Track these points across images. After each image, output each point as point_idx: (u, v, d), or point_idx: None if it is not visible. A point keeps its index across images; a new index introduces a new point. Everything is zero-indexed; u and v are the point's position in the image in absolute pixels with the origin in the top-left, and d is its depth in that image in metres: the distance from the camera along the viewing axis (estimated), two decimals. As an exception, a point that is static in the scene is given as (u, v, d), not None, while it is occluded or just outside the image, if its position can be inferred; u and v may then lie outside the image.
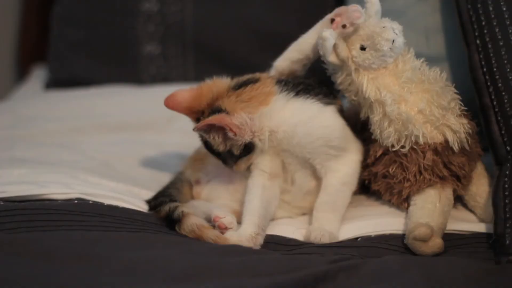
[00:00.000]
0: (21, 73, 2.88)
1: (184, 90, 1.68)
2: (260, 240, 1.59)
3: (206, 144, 1.66)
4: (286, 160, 1.66)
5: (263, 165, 1.66)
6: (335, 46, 1.62)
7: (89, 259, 1.42)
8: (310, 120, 1.62)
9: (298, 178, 1.68)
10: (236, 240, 1.55)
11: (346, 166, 1.67)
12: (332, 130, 1.64)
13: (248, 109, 1.61)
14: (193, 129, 1.61)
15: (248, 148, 1.63)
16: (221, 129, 1.60)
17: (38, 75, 2.71)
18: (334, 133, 1.64)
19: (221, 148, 1.63)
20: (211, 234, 1.56)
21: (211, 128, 1.60)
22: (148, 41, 2.48)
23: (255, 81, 1.65)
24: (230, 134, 1.60)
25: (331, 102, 1.65)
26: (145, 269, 1.41)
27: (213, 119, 1.59)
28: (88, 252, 1.45)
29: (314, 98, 1.63)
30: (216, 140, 1.62)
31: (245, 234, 1.57)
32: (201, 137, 1.66)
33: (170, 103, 1.67)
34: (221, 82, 1.66)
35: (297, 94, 1.63)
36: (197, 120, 1.65)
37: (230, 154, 1.64)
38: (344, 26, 1.62)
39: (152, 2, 2.48)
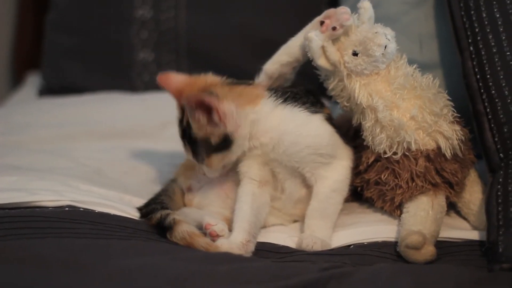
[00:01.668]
0: (16, 80, 2.88)
1: (179, 74, 1.69)
2: (251, 247, 1.58)
3: (184, 131, 1.64)
4: (275, 170, 1.66)
5: (252, 173, 1.65)
6: (324, 49, 1.61)
7: (78, 267, 1.41)
8: (297, 129, 1.62)
9: (288, 187, 1.67)
10: (227, 248, 1.54)
11: (336, 172, 1.66)
12: (320, 138, 1.63)
13: (237, 102, 1.61)
14: (182, 100, 1.60)
15: (226, 143, 1.61)
16: (207, 111, 1.58)
17: (33, 82, 2.70)
18: (322, 141, 1.63)
19: (200, 133, 1.61)
20: (202, 242, 1.55)
21: (199, 105, 1.58)
22: (141, 48, 2.48)
23: (248, 84, 1.67)
24: (215, 118, 1.58)
25: (318, 111, 1.65)
26: (135, 277, 1.39)
27: (205, 96, 1.58)
28: (77, 260, 1.43)
29: (302, 106, 1.63)
30: (200, 121, 1.60)
31: (235, 242, 1.56)
32: (181, 122, 1.65)
33: (163, 80, 1.68)
34: (216, 77, 1.68)
35: (285, 101, 1.63)
36: (182, 107, 1.64)
37: (206, 144, 1.62)
38: (334, 29, 1.61)
39: (146, 8, 2.48)
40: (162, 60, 2.48)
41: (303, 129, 1.62)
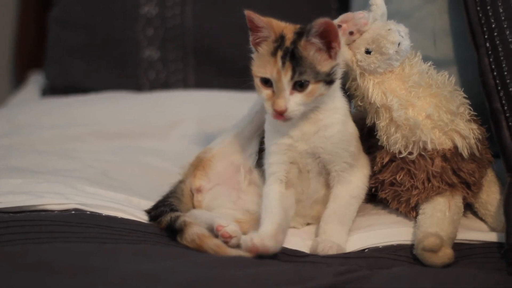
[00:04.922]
0: (18, 79, 2.87)
1: None
2: (282, 239, 1.55)
3: (289, 51, 1.56)
4: (305, 168, 1.63)
5: (280, 174, 1.63)
6: None
7: (86, 272, 1.39)
8: (345, 120, 1.61)
9: (312, 185, 1.65)
10: (258, 241, 1.50)
11: (358, 179, 1.65)
12: (353, 137, 1.63)
13: None
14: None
15: (330, 77, 1.55)
16: (326, 38, 1.53)
17: (35, 81, 2.69)
18: (353, 141, 1.63)
19: (311, 57, 1.54)
20: (211, 244, 1.53)
21: (324, 30, 1.52)
22: (147, 46, 2.46)
23: None
24: (335, 46, 1.53)
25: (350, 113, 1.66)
26: (145, 282, 1.38)
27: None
28: (85, 265, 1.42)
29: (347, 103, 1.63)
30: (316, 45, 1.53)
31: (266, 233, 1.53)
32: (276, 42, 1.60)
33: (251, 13, 1.67)
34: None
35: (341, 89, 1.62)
36: (276, 42, 1.61)
37: (313, 69, 1.53)
38: (351, 33, 1.61)
39: (151, 5, 2.46)
40: (168, 57, 2.46)
41: (347, 123, 1.62)
